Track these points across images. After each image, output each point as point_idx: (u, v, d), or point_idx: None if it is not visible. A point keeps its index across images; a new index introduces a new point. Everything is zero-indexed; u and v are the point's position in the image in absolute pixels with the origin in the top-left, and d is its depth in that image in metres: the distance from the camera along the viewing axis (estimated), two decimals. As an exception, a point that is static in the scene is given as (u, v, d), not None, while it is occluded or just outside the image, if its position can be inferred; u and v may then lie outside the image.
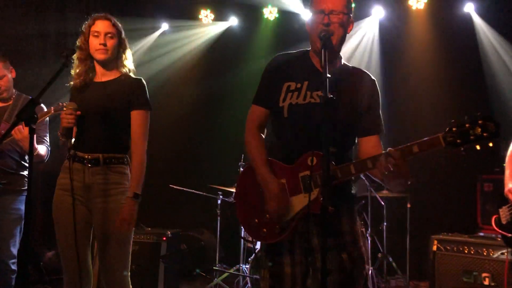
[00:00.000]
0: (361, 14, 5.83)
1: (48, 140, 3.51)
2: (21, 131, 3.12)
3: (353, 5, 2.17)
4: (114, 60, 2.77)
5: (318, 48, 2.06)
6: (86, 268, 2.66)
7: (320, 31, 2.03)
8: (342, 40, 2.14)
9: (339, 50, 2.20)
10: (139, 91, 2.73)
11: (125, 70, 2.79)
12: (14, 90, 3.52)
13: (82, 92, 2.74)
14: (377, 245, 5.11)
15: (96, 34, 2.70)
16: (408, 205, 5.03)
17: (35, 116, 2.00)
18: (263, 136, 2.30)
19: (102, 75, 2.78)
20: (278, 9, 6.13)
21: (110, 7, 5.72)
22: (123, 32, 2.80)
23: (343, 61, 2.26)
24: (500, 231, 3.23)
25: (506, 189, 3.20)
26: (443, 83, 5.51)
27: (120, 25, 2.80)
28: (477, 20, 5.49)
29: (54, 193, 2.73)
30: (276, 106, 2.19)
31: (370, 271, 4.69)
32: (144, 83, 2.79)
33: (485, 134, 1.77)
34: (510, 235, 3.15)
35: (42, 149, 3.39)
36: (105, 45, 2.68)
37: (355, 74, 2.23)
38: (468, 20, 5.53)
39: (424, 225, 5.21)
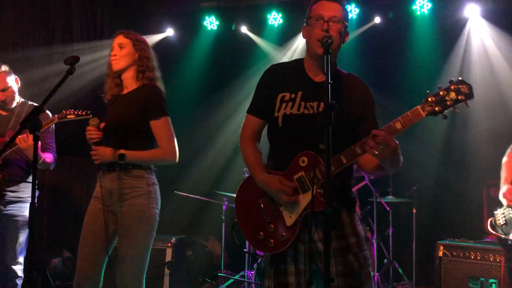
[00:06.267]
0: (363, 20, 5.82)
1: (54, 147, 3.53)
2: (26, 140, 3.15)
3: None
4: (131, 71, 2.86)
5: (317, 54, 2.07)
6: (99, 273, 2.72)
7: (323, 37, 2.03)
8: (338, 48, 2.15)
9: (335, 58, 2.21)
10: (153, 101, 2.78)
11: (145, 79, 2.86)
12: (19, 98, 3.54)
13: (110, 106, 2.89)
14: (382, 251, 5.09)
15: (111, 49, 2.86)
16: (414, 211, 5.00)
17: (40, 124, 2.02)
18: (259, 145, 2.32)
19: (126, 87, 2.90)
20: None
21: (117, 19, 5.79)
22: (139, 42, 2.88)
23: (337, 68, 2.26)
24: (494, 232, 3.31)
25: (501, 193, 3.27)
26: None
27: (137, 36, 2.90)
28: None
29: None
30: (271, 116, 2.21)
31: (376, 277, 4.67)
32: (159, 90, 2.85)
33: (460, 97, 1.88)
34: (503, 236, 3.23)
35: (48, 156, 3.41)
36: (115, 55, 2.81)
37: (350, 80, 2.24)
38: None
39: (430, 230, 5.19)
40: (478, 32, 5.49)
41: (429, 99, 1.90)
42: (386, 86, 5.39)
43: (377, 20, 5.76)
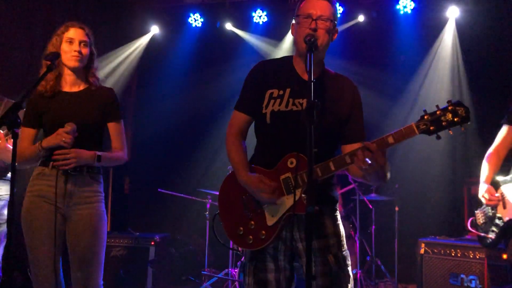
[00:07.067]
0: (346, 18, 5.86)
1: None
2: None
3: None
4: (83, 70, 2.79)
5: (303, 52, 2.06)
6: (58, 275, 2.64)
7: (306, 35, 2.04)
8: (326, 47, 2.15)
9: (323, 56, 2.21)
10: (113, 103, 2.81)
11: (94, 80, 2.81)
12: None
13: (49, 100, 2.70)
14: (365, 249, 5.13)
15: (70, 40, 2.70)
16: (396, 209, 5.05)
17: (18, 120, 1.98)
18: (245, 142, 2.31)
19: (71, 85, 2.77)
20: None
21: (101, 18, 5.72)
22: (93, 43, 2.83)
23: (326, 67, 2.26)
24: (474, 231, 3.35)
25: (480, 192, 3.30)
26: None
27: (91, 35, 2.84)
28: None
29: (25, 200, 2.68)
30: (258, 112, 2.20)
31: (358, 274, 4.70)
32: (115, 93, 2.87)
33: (456, 119, 1.87)
34: (483, 234, 3.27)
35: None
36: (80, 52, 2.69)
37: (338, 80, 2.24)
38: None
39: (412, 228, 5.24)
40: (448, 36, 5.61)
41: (425, 117, 1.88)
42: (368, 84, 5.43)
43: (361, 18, 5.79)
